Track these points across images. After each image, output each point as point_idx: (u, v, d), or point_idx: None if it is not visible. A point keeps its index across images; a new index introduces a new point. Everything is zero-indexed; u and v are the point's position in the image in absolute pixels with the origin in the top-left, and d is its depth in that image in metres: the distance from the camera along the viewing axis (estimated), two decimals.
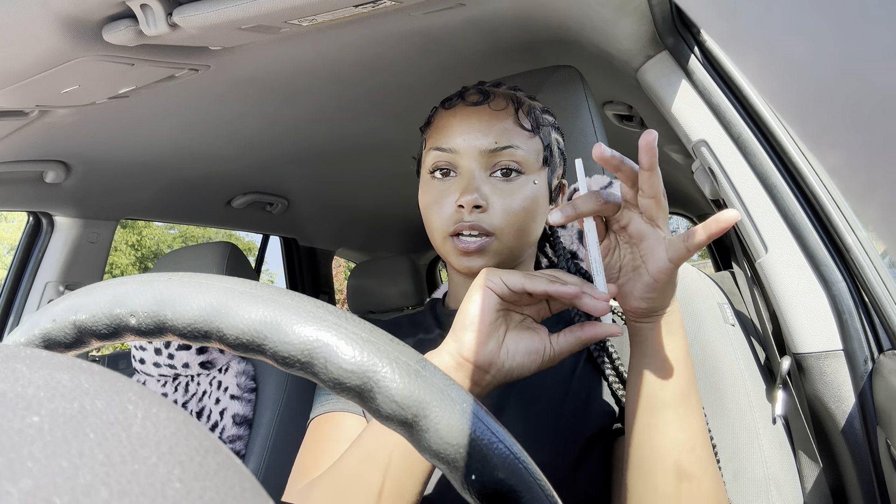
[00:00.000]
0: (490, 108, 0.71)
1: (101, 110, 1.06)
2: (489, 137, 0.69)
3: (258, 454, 1.30)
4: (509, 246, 0.69)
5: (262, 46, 0.90)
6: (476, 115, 0.70)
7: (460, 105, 0.72)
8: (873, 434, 0.70)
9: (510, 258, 0.71)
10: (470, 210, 0.67)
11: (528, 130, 0.71)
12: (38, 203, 1.48)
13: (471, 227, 0.67)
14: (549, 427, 0.67)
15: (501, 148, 0.68)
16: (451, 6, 0.85)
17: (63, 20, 0.72)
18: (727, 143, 0.84)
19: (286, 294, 0.30)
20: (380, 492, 0.47)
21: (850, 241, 0.74)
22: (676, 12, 0.87)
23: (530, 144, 0.70)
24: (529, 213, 0.69)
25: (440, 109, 0.75)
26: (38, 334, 0.31)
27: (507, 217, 0.68)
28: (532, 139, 0.71)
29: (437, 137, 0.72)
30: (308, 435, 0.68)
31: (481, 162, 0.69)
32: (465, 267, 0.68)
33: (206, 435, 0.16)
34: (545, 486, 0.29)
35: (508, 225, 0.68)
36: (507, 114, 0.71)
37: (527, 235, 0.71)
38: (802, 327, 0.77)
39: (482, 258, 0.68)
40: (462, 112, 0.71)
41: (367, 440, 0.50)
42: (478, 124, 0.69)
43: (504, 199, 0.68)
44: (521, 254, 0.72)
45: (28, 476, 0.12)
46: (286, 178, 1.83)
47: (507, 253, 0.69)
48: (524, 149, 0.70)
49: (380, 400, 0.28)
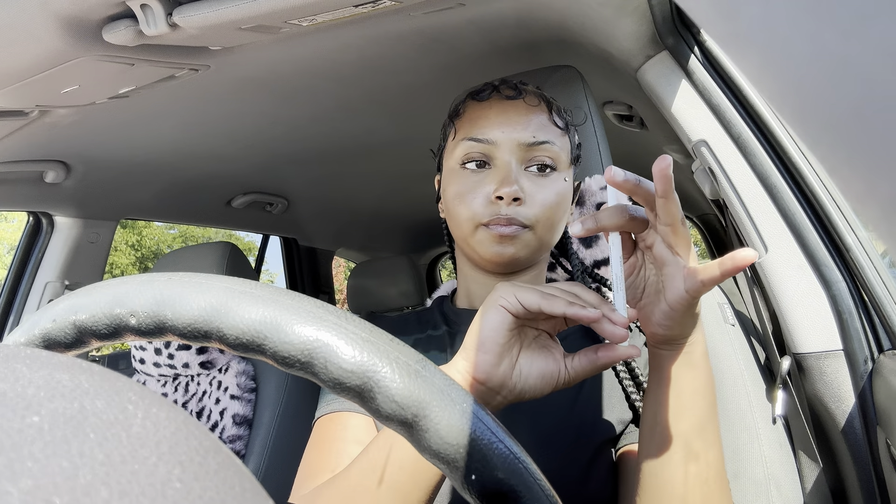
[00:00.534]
0: (525, 102, 0.71)
1: (101, 110, 1.06)
2: (528, 131, 0.69)
3: (258, 454, 1.30)
4: (541, 238, 0.69)
5: (262, 46, 0.90)
6: (513, 108, 0.71)
7: (496, 97, 0.72)
8: (873, 434, 0.70)
9: (538, 251, 0.70)
10: (509, 202, 0.67)
11: (560, 128, 0.72)
12: (38, 203, 1.48)
13: (508, 220, 0.67)
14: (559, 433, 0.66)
15: (539, 142, 0.69)
16: (451, 6, 0.85)
17: (63, 20, 0.72)
18: (727, 143, 0.84)
19: (286, 294, 0.30)
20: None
21: (850, 241, 0.74)
22: (676, 12, 0.87)
23: (563, 142, 0.72)
24: (561, 208, 0.70)
25: (471, 101, 0.74)
26: (38, 334, 0.31)
27: (543, 210, 0.68)
28: (564, 137, 0.72)
29: (471, 128, 0.71)
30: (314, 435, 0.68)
31: (518, 155, 0.69)
32: (498, 254, 0.68)
33: (206, 435, 0.16)
34: (545, 487, 0.29)
35: (545, 218, 0.68)
36: (542, 110, 0.71)
37: (555, 231, 0.71)
38: (802, 327, 0.77)
39: (514, 246, 0.68)
40: (498, 105, 0.71)
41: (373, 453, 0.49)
42: (516, 117, 0.70)
43: (541, 193, 0.68)
44: (547, 248, 0.72)
45: (28, 476, 0.12)
46: (286, 178, 1.83)
47: (537, 246, 0.69)
48: (559, 145, 0.70)
49: (380, 400, 0.28)
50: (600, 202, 0.84)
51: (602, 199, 0.84)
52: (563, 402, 0.68)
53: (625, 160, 1.65)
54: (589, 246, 0.84)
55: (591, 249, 0.84)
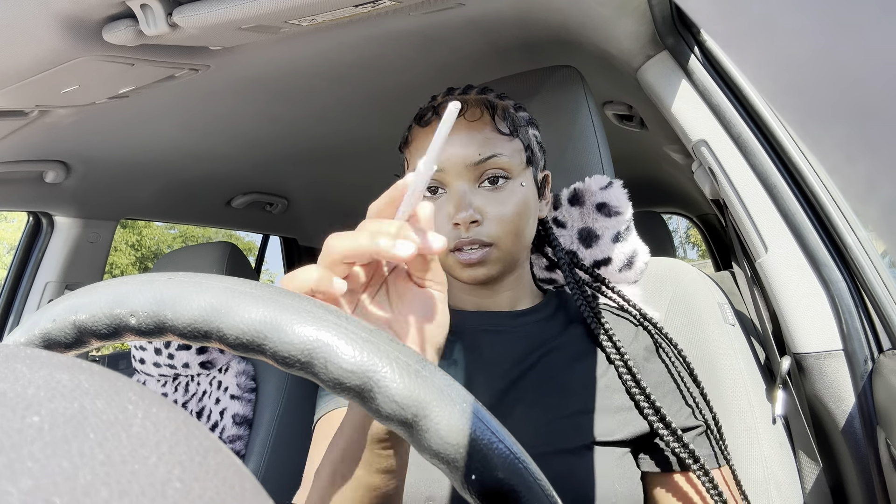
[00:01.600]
0: (466, 119, 0.71)
1: (101, 110, 1.06)
2: (471, 149, 0.69)
3: (258, 454, 1.30)
4: (510, 251, 0.70)
5: (262, 46, 0.90)
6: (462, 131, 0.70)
7: (435, 121, 0.72)
8: (873, 434, 0.70)
9: (511, 262, 0.72)
10: (467, 227, 0.67)
11: (506, 135, 0.71)
12: (38, 203, 1.48)
13: (470, 242, 0.68)
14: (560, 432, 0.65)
15: (486, 158, 0.69)
16: (451, 6, 0.85)
17: (63, 20, 0.72)
18: (727, 142, 0.84)
19: (286, 294, 0.30)
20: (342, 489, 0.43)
21: (850, 240, 0.74)
22: (676, 12, 0.87)
23: (512, 147, 0.71)
24: (522, 217, 0.70)
25: (415, 127, 0.75)
26: (38, 334, 0.31)
27: (502, 225, 0.69)
28: (512, 142, 0.72)
29: (419, 157, 0.71)
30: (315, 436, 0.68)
31: (467, 175, 0.69)
32: (472, 277, 0.70)
33: (206, 435, 0.16)
34: (545, 486, 0.29)
35: (505, 232, 0.69)
36: (484, 122, 0.71)
37: (523, 238, 0.72)
38: (802, 327, 0.77)
39: (484, 267, 0.69)
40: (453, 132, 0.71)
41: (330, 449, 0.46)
42: (457, 139, 0.69)
43: (496, 208, 0.69)
44: (520, 255, 0.73)
45: (28, 476, 0.12)
46: (286, 178, 1.83)
47: (508, 258, 0.70)
48: (507, 154, 0.70)
49: (380, 400, 0.28)
50: (600, 202, 0.84)
51: (602, 200, 0.84)
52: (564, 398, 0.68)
53: (625, 160, 1.65)
54: (589, 246, 0.84)
55: (591, 249, 0.84)
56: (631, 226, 0.85)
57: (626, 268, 0.84)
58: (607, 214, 0.84)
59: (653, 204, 2.47)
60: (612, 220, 0.84)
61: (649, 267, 0.87)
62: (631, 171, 1.74)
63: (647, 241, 0.87)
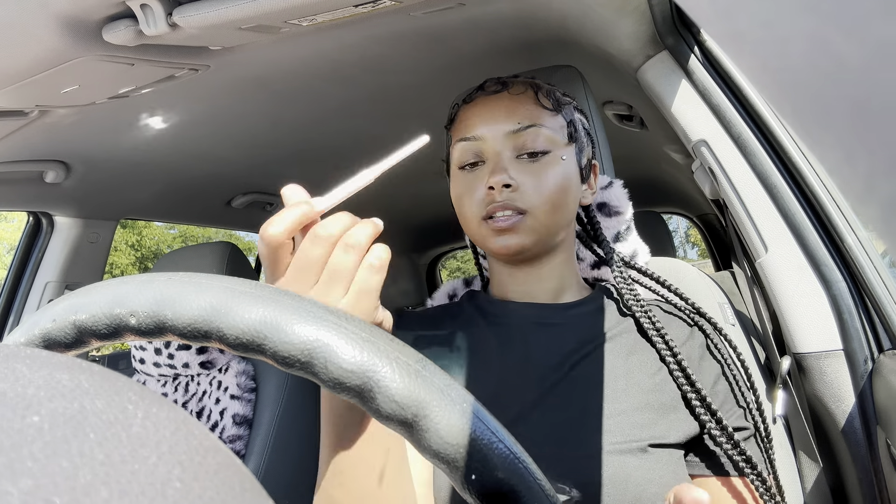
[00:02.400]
0: (509, 93, 0.72)
1: (101, 110, 1.06)
2: (512, 119, 0.70)
3: (258, 454, 1.30)
4: (544, 223, 0.68)
5: (262, 46, 0.90)
6: (496, 101, 0.72)
7: (480, 96, 0.73)
8: (873, 434, 0.70)
9: (547, 236, 0.70)
10: (500, 190, 0.67)
11: (549, 109, 0.71)
12: (38, 203, 1.48)
13: (503, 206, 0.67)
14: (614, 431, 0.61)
15: (525, 127, 0.69)
16: (451, 6, 0.85)
17: (63, 20, 0.72)
18: (727, 142, 0.84)
19: (286, 294, 0.30)
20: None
21: (850, 241, 0.74)
22: (676, 12, 0.87)
23: (554, 122, 0.71)
24: (561, 188, 0.69)
25: (461, 105, 0.76)
26: (38, 334, 0.31)
27: (539, 194, 0.68)
28: (555, 117, 0.72)
29: (462, 129, 0.73)
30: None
31: (507, 144, 0.70)
32: (503, 246, 0.68)
33: (206, 435, 0.16)
34: (545, 486, 0.29)
35: (541, 201, 0.68)
36: (528, 96, 0.72)
37: (561, 212, 0.70)
38: (802, 327, 0.77)
39: (517, 235, 0.68)
40: (482, 101, 0.73)
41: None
42: (499, 109, 0.71)
43: (534, 178, 0.68)
44: (557, 231, 0.71)
45: (28, 476, 0.12)
46: (286, 179, 1.83)
47: (543, 231, 0.69)
48: (548, 126, 0.70)
49: (380, 400, 0.28)
50: (601, 202, 0.84)
51: (602, 200, 0.84)
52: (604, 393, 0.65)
53: (625, 160, 1.65)
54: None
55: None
56: (631, 225, 0.85)
57: None
58: (607, 214, 0.84)
59: (653, 204, 2.47)
60: (612, 219, 0.84)
61: (649, 267, 0.87)
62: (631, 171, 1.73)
63: (647, 241, 0.87)
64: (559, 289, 0.74)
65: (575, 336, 0.70)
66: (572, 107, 0.76)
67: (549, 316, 0.72)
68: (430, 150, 0.86)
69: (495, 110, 0.71)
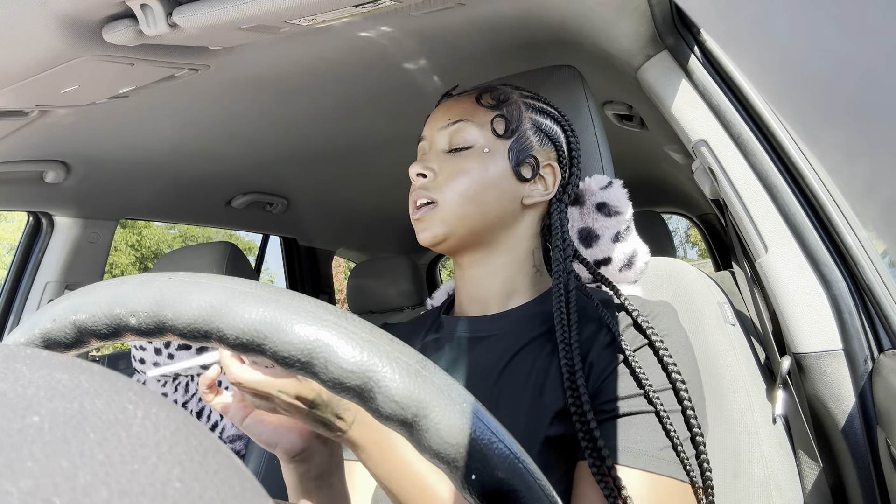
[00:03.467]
0: (457, 96, 0.77)
1: (101, 110, 1.06)
2: (445, 117, 0.74)
3: (258, 454, 1.30)
4: (456, 214, 0.69)
5: (262, 46, 0.90)
6: (444, 104, 0.77)
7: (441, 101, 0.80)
8: (873, 434, 0.70)
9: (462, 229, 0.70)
10: (414, 180, 0.72)
11: (485, 107, 0.74)
12: (38, 203, 1.48)
13: (416, 196, 0.71)
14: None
15: (452, 123, 0.73)
16: (451, 6, 0.85)
17: (63, 20, 0.72)
18: (727, 142, 0.84)
19: (286, 294, 0.30)
20: None
21: (850, 240, 0.75)
22: (676, 12, 0.87)
23: (485, 117, 0.73)
24: (476, 181, 0.70)
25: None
26: (38, 334, 0.31)
27: (449, 184, 0.70)
28: (488, 113, 0.74)
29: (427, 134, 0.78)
30: None
31: (439, 140, 0.74)
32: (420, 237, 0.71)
33: (206, 435, 0.16)
34: (545, 486, 0.29)
35: (451, 190, 0.70)
36: (468, 97, 0.76)
37: (478, 206, 0.70)
38: (802, 327, 0.77)
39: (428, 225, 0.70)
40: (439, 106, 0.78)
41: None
42: (441, 110, 0.76)
43: (450, 170, 0.71)
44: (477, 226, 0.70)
45: (28, 476, 0.12)
46: (286, 178, 1.83)
47: (455, 222, 0.69)
48: (476, 122, 0.73)
49: (380, 400, 0.28)
50: (600, 202, 0.84)
51: (602, 200, 0.84)
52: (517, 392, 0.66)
53: (625, 160, 1.65)
54: (589, 246, 0.84)
55: (591, 249, 0.84)
56: (631, 225, 0.85)
57: (626, 268, 0.84)
58: (607, 214, 0.84)
59: (653, 204, 2.47)
60: (612, 219, 0.84)
61: (649, 267, 0.87)
62: (631, 171, 1.73)
63: (647, 241, 0.87)
64: (508, 292, 0.73)
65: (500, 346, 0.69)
66: (527, 107, 0.75)
67: (481, 329, 0.72)
68: None
69: (438, 112, 0.76)
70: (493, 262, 0.74)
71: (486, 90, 0.76)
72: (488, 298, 0.74)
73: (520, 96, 0.77)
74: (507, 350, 0.69)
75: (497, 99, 0.74)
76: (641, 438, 0.58)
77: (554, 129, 0.78)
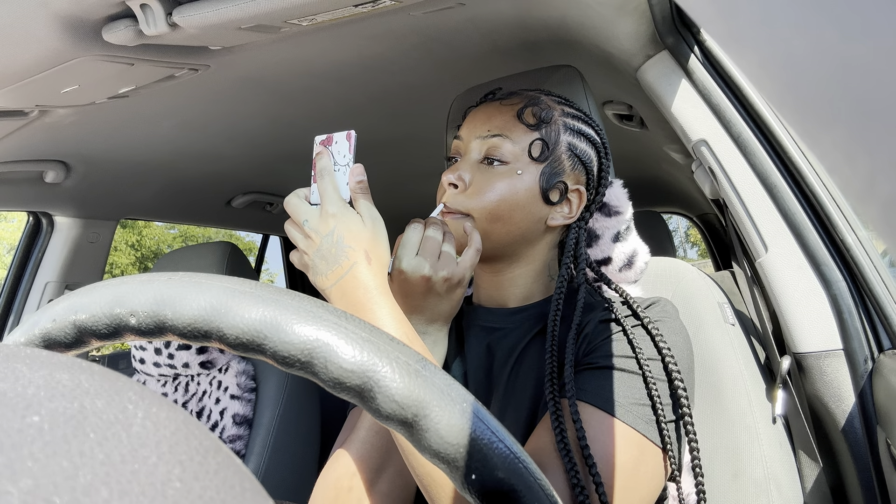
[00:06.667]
0: (501, 102, 0.76)
1: (101, 110, 1.06)
2: (486, 126, 0.74)
3: (258, 454, 1.30)
4: (483, 229, 0.71)
5: (262, 46, 0.90)
6: (485, 107, 0.76)
7: (485, 101, 0.79)
8: (873, 434, 0.70)
9: (488, 244, 0.72)
10: (447, 187, 0.72)
11: (526, 125, 0.73)
12: (38, 203, 1.48)
13: (448, 210, 0.71)
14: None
15: (491, 136, 0.73)
16: (451, 6, 0.85)
17: (63, 20, 0.72)
18: (727, 142, 0.84)
19: (286, 294, 0.30)
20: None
21: (850, 240, 0.75)
22: (676, 12, 0.87)
23: (525, 138, 0.73)
24: (505, 200, 0.71)
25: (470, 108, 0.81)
26: (38, 334, 0.31)
27: (480, 199, 0.71)
28: (528, 133, 0.73)
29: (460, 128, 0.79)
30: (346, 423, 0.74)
31: (476, 148, 0.74)
32: None
33: (206, 435, 0.16)
34: (545, 486, 0.29)
35: (480, 207, 0.71)
36: (511, 108, 0.75)
37: (504, 224, 0.71)
38: (802, 327, 0.77)
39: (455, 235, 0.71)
40: (483, 107, 0.78)
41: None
42: (482, 115, 0.75)
43: (483, 183, 0.71)
44: (502, 242, 0.72)
45: (28, 476, 0.12)
46: (286, 178, 1.83)
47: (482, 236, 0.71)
48: (514, 140, 0.72)
49: (380, 400, 0.28)
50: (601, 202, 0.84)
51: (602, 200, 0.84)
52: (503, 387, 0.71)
53: (625, 160, 1.65)
54: (589, 246, 0.84)
55: (591, 249, 0.84)
56: (631, 225, 0.85)
57: (626, 267, 0.84)
58: (607, 214, 0.84)
59: (653, 204, 2.47)
60: (612, 219, 0.84)
61: (649, 267, 0.87)
62: (631, 170, 1.73)
63: (647, 241, 0.87)
64: (524, 297, 0.77)
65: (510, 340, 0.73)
66: (566, 128, 0.75)
67: (495, 321, 0.76)
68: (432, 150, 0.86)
69: (479, 115, 0.76)
70: (512, 272, 0.77)
71: (530, 103, 0.74)
72: (506, 299, 0.78)
73: (561, 114, 0.76)
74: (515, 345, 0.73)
75: (538, 118, 0.73)
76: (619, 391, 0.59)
77: (588, 153, 0.77)
